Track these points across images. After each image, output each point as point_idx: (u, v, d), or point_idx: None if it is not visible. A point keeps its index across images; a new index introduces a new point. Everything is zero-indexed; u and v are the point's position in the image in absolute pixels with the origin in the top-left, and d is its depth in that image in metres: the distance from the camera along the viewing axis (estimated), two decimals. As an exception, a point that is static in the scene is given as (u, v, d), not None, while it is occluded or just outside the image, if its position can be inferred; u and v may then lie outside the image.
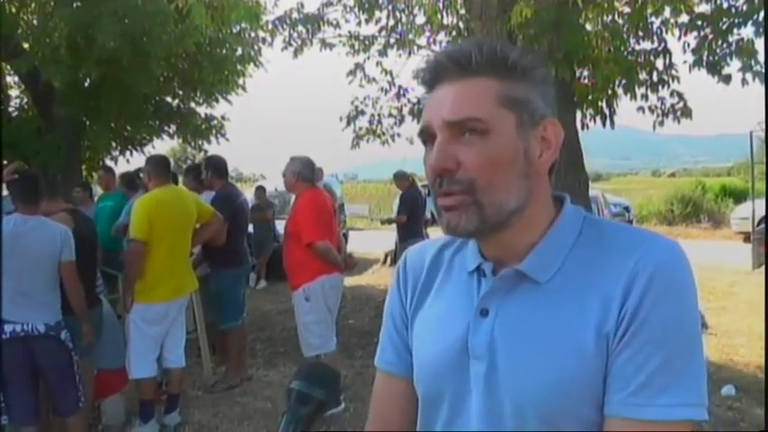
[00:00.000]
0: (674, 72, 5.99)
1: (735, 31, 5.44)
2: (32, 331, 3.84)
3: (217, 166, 6.00)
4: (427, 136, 1.03)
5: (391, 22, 8.27)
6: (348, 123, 8.61)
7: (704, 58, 5.60)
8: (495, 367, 1.01)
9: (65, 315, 4.02)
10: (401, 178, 9.69)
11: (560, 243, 1.03)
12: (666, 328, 0.93)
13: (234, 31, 10.88)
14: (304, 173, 5.04)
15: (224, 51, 11.48)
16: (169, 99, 12.61)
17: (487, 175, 0.98)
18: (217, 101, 12.55)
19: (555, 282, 1.01)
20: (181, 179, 7.35)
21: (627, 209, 18.84)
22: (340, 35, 8.30)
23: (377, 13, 8.20)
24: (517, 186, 1.00)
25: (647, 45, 6.14)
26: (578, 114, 6.00)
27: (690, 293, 0.96)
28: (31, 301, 3.86)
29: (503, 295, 1.04)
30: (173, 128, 12.89)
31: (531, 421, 0.98)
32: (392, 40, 8.20)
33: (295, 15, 7.95)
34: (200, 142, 13.01)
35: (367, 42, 8.26)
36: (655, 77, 6.02)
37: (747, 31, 5.46)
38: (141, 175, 6.16)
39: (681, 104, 6.16)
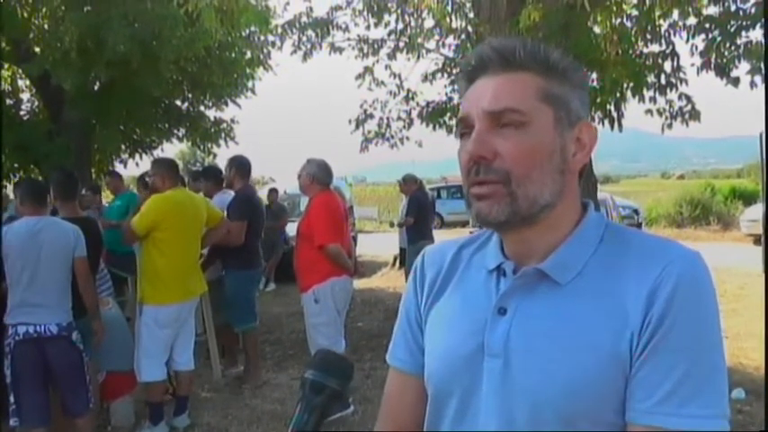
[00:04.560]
0: (682, 75, 5.99)
1: (743, 33, 5.43)
2: (45, 332, 3.87)
3: (241, 165, 5.99)
4: (465, 127, 1.04)
5: (400, 26, 8.29)
6: (357, 126, 8.64)
7: (712, 60, 5.59)
8: (510, 366, 1.01)
9: (74, 318, 4.05)
10: (408, 181, 9.69)
11: (583, 246, 1.04)
12: (692, 338, 0.93)
13: (243, 34, 10.94)
14: (319, 175, 5.05)
15: (233, 55, 11.53)
16: (179, 102, 12.69)
17: (524, 166, 0.99)
18: (226, 104, 12.60)
19: (575, 284, 1.01)
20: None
21: (636, 211, 18.75)
22: (349, 39, 8.32)
23: (386, 17, 8.22)
24: (552, 180, 1.01)
25: (655, 48, 6.15)
26: (587, 117, 5.99)
27: (713, 305, 0.96)
28: (44, 301, 3.90)
29: (522, 294, 1.04)
30: (182, 131, 12.96)
31: (548, 422, 0.97)
32: (401, 44, 8.21)
33: (304, 19, 7.98)
34: (209, 145, 13.06)
35: (376, 46, 8.27)
36: (663, 80, 6.02)
37: (756, 34, 5.45)
38: (147, 179, 6.17)
39: (689, 107, 6.15)
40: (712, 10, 5.94)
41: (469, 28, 7.56)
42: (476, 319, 1.07)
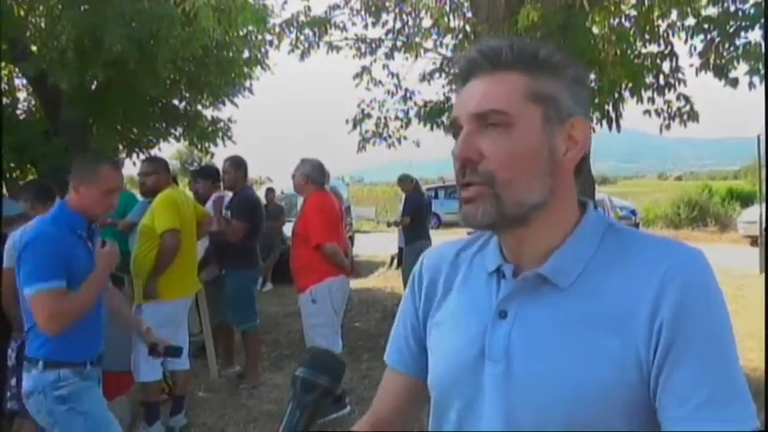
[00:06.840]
0: (680, 75, 5.98)
1: (742, 34, 5.42)
2: None
3: (243, 165, 6.00)
4: (456, 129, 1.05)
5: (398, 25, 8.27)
6: (354, 126, 8.61)
7: (711, 61, 5.59)
8: (512, 371, 1.00)
9: None
10: (405, 181, 9.71)
11: (583, 247, 1.03)
12: (714, 339, 0.93)
13: (241, 33, 10.91)
14: (314, 175, 5.05)
15: (231, 54, 11.49)
16: (176, 102, 12.63)
17: (509, 169, 0.99)
18: (224, 103, 12.56)
19: (577, 287, 1.00)
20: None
21: (633, 212, 18.80)
22: (347, 38, 8.29)
23: (383, 16, 8.20)
24: (539, 182, 1.00)
25: (653, 48, 6.15)
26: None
27: (722, 301, 0.96)
28: None
29: (523, 298, 1.03)
30: (179, 130, 12.92)
31: (552, 428, 0.96)
32: (399, 43, 8.20)
33: (302, 18, 7.96)
34: (206, 145, 13.03)
35: (374, 45, 8.25)
36: (661, 81, 6.02)
37: (754, 35, 5.45)
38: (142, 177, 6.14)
39: (687, 108, 6.15)
40: (711, 10, 5.94)
41: (467, 27, 7.55)
42: (477, 322, 1.06)
